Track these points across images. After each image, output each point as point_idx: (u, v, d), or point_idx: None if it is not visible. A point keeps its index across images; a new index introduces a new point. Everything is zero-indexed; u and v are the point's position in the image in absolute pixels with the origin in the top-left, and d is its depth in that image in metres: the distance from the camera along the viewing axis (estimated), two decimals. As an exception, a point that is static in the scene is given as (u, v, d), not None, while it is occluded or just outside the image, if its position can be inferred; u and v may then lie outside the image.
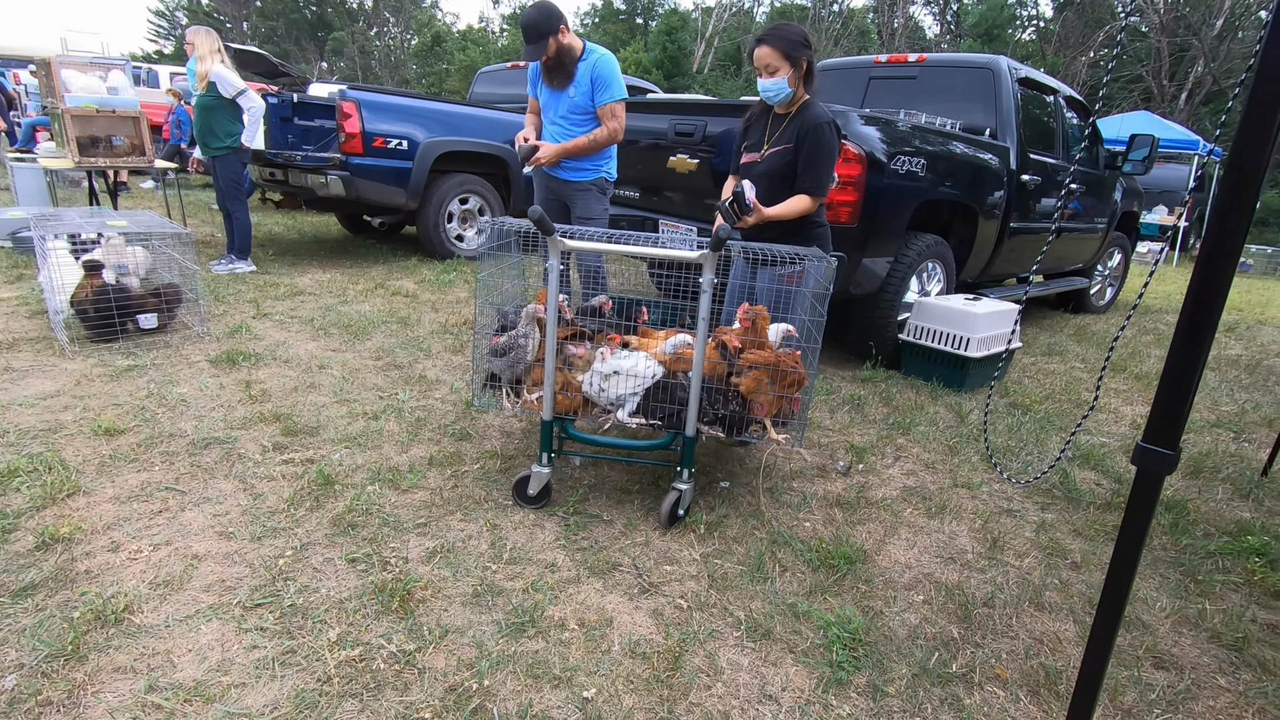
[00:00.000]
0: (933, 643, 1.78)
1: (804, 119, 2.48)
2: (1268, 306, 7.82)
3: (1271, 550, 2.31)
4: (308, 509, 2.13)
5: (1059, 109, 4.82)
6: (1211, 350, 4.67)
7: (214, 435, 2.54)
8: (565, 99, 3.25)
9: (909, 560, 2.14)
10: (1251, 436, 3.46)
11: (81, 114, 5.13)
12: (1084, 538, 2.36)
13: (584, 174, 3.36)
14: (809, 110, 2.50)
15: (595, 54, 3.18)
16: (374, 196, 5.45)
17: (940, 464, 2.83)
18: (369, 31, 39.75)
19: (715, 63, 31.60)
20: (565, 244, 2.02)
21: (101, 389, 2.87)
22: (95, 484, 2.18)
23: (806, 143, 2.45)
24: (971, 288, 4.55)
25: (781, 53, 2.42)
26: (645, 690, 1.55)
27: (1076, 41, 24.70)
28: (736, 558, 2.07)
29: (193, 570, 1.82)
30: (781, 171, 2.52)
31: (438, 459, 2.50)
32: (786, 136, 2.52)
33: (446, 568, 1.91)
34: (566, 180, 3.40)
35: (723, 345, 2.25)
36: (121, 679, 1.47)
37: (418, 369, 3.39)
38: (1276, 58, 0.75)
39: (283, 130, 6.14)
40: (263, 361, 3.32)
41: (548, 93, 3.31)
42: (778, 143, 2.54)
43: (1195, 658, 1.81)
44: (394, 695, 1.48)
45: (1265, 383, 4.46)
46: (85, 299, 3.34)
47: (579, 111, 3.25)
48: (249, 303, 4.29)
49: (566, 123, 3.29)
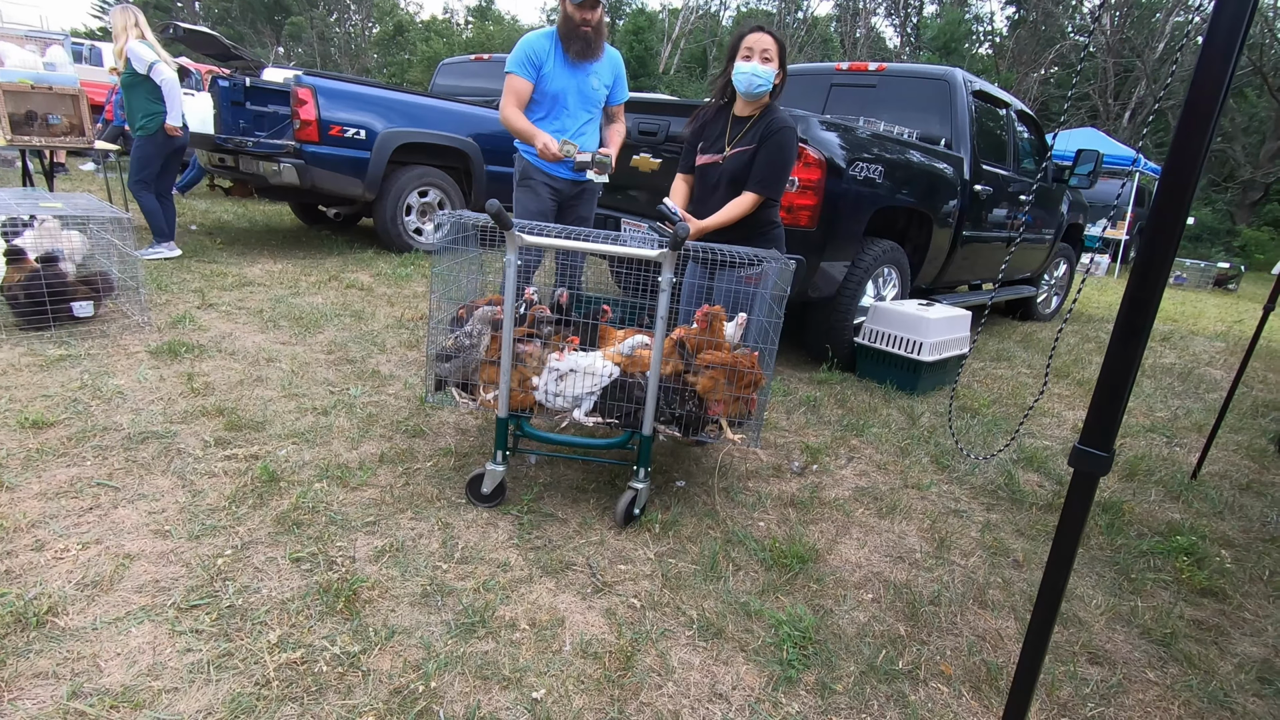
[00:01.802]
0: (880, 640, 1.81)
1: (770, 121, 2.49)
2: (1200, 318, 8.21)
3: (1199, 550, 2.43)
4: (250, 506, 2.06)
5: (1011, 122, 4.98)
6: (1147, 359, 4.87)
7: (152, 429, 2.44)
8: (584, 79, 3.00)
9: (859, 559, 2.18)
10: (1183, 441, 3.62)
11: (15, 89, 4.86)
12: (1026, 537, 2.44)
13: None
14: (775, 114, 2.51)
15: (611, 49, 3.09)
16: (329, 186, 5.31)
17: (892, 465, 2.89)
18: (329, 17, 38.74)
19: (681, 64, 31.75)
20: (525, 239, 1.99)
21: (30, 379, 2.72)
22: (19, 479, 2.06)
23: (769, 143, 2.47)
24: (925, 293, 4.66)
25: (779, 47, 2.43)
26: (596, 690, 1.54)
27: (1029, 58, 25.59)
28: (691, 557, 2.07)
29: (124, 570, 1.73)
30: (745, 173, 2.52)
31: (389, 456, 2.45)
32: (750, 137, 2.51)
33: (395, 567, 1.86)
34: (576, 180, 3.19)
35: (680, 343, 2.25)
36: (42, 685, 1.39)
37: (371, 364, 3.31)
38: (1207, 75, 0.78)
39: (234, 115, 5.92)
40: (207, 353, 3.20)
41: (565, 73, 2.96)
42: (741, 144, 2.53)
43: (1127, 653, 1.89)
44: (336, 698, 1.43)
45: (1196, 390, 4.68)
46: (15, 284, 3.16)
47: (598, 105, 3.11)
48: (194, 292, 4.13)
49: (587, 114, 3.08)
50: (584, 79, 3.01)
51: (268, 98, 5.94)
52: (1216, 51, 0.75)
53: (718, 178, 2.59)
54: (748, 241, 2.49)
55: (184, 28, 5.94)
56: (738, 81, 2.49)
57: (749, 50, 2.44)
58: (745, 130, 2.53)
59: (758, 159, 2.49)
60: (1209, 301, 10.33)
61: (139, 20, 4.57)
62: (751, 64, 2.43)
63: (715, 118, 2.65)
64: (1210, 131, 0.72)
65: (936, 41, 26.74)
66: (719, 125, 2.62)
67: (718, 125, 2.63)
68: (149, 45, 4.55)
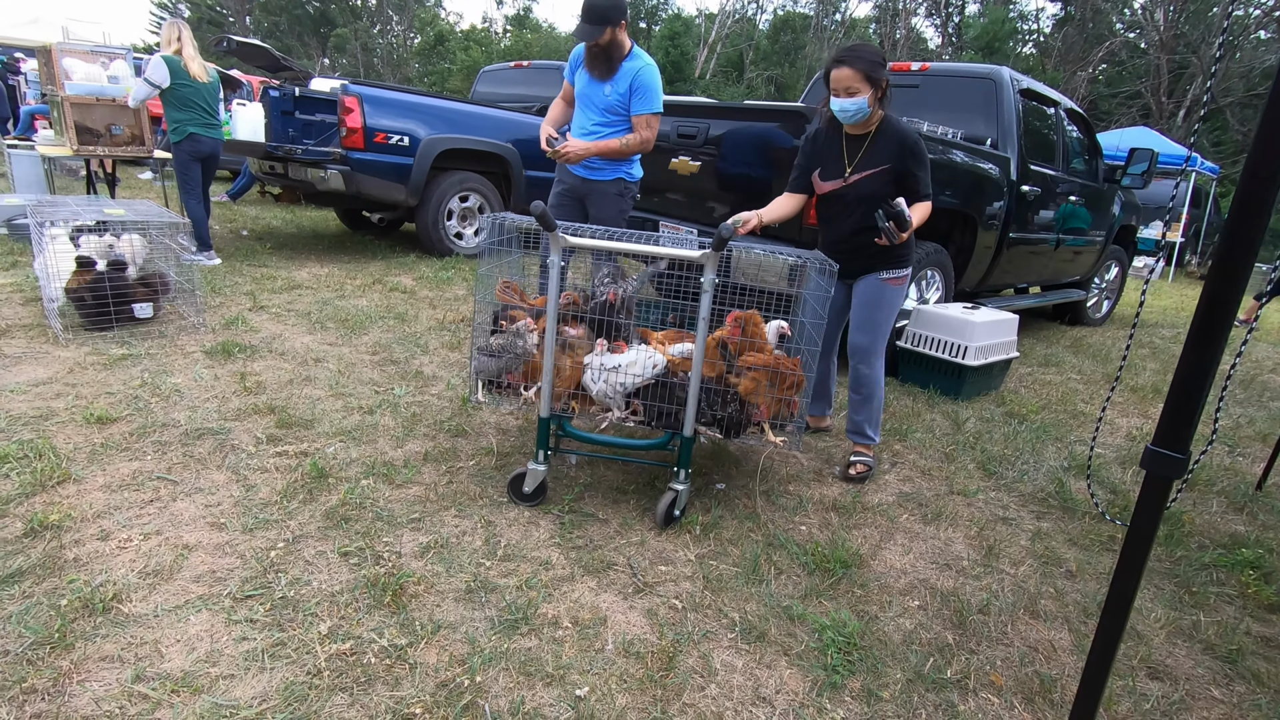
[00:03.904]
0: (928, 648, 1.77)
1: (897, 136, 2.43)
2: (1262, 323, 7.86)
3: (1265, 563, 2.32)
4: (300, 501, 2.11)
5: (1060, 121, 4.84)
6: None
7: (207, 426, 2.52)
8: (600, 93, 3.19)
9: (904, 565, 2.13)
10: (1246, 451, 3.47)
11: (81, 102, 5.10)
12: (1079, 547, 2.36)
13: (602, 173, 3.32)
14: (896, 126, 2.45)
15: (641, 60, 3.14)
16: (374, 192, 5.43)
17: (936, 471, 2.82)
18: (372, 29, 39.74)
19: (718, 68, 31.70)
20: (568, 240, 2.01)
21: (94, 377, 2.85)
22: (86, 472, 2.15)
23: (912, 157, 2.43)
24: (970, 297, 4.56)
25: (863, 74, 2.33)
26: (639, 690, 1.53)
27: (1076, 56, 24.86)
28: (732, 559, 2.06)
29: (183, 560, 1.80)
30: (883, 193, 2.43)
31: (433, 455, 2.49)
32: (881, 157, 2.45)
33: (440, 563, 1.89)
34: (586, 178, 3.34)
35: (723, 345, 2.24)
36: (108, 668, 1.45)
37: (414, 365, 3.37)
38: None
39: (283, 124, 6.12)
40: (258, 354, 3.30)
41: (586, 80, 3.24)
42: (868, 165, 2.47)
43: (1189, 669, 1.81)
44: (384, 690, 1.46)
45: (1260, 398, 4.48)
46: (81, 286, 3.31)
47: (611, 110, 3.20)
48: (245, 295, 4.27)
49: (597, 117, 3.23)
50: (598, 86, 3.21)
51: (315, 107, 6.12)
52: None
53: (851, 200, 2.52)
54: (900, 252, 2.54)
55: (237, 41, 6.16)
56: (837, 114, 2.45)
57: (834, 88, 2.39)
58: (866, 150, 2.48)
59: (911, 175, 2.44)
60: (1271, 306, 9.87)
61: (183, 34, 4.70)
62: (839, 100, 2.39)
63: (827, 139, 2.58)
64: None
65: (979, 41, 26.19)
66: (833, 148, 2.56)
67: (832, 148, 2.56)
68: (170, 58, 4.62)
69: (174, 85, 4.61)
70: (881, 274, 2.58)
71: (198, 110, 4.72)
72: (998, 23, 26.52)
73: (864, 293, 2.62)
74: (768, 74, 30.65)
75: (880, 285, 2.59)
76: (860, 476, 2.65)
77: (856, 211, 2.51)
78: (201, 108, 4.74)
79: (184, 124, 4.70)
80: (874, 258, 2.56)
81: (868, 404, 2.69)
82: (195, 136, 4.74)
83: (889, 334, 2.67)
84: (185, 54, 4.68)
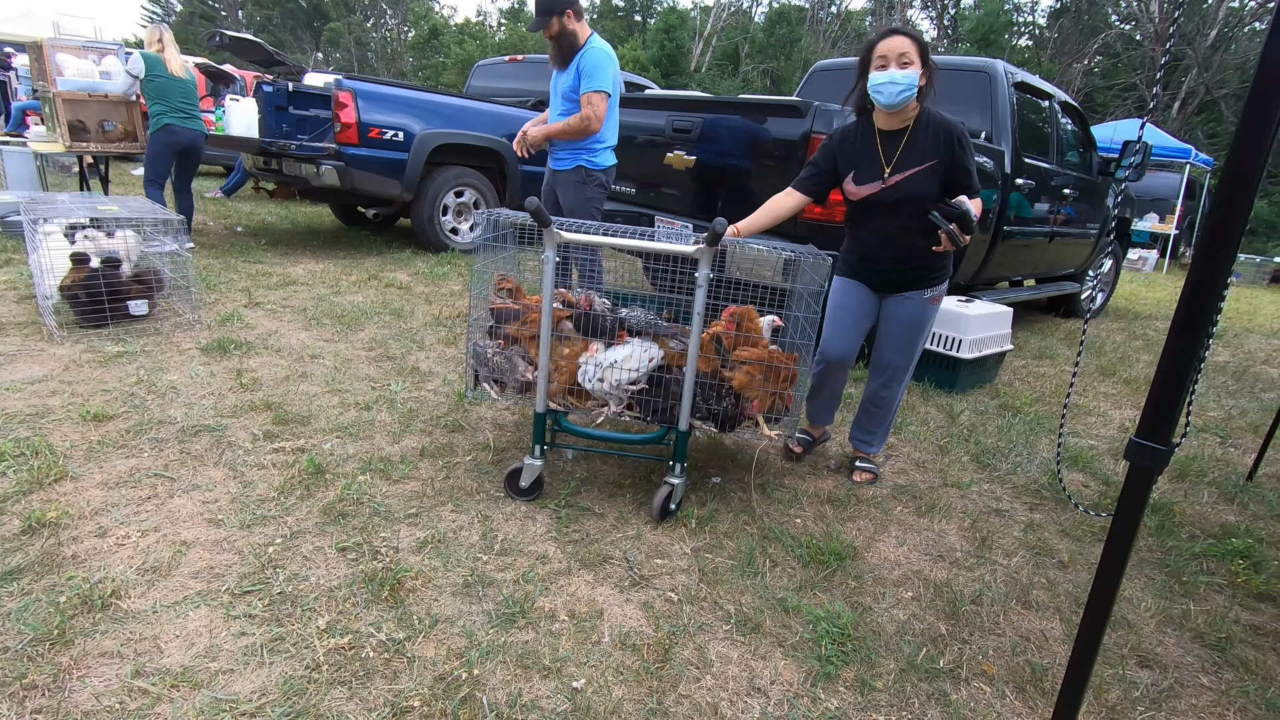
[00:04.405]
0: (921, 639, 1.79)
1: (942, 127, 2.21)
2: (1255, 315, 7.90)
3: (1255, 553, 2.34)
4: (298, 498, 2.12)
5: (1054, 114, 4.85)
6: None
7: (204, 423, 2.53)
8: (560, 82, 3.38)
9: (898, 557, 2.15)
10: (1238, 441, 3.50)
11: (73, 98, 5.07)
12: (1071, 538, 2.38)
13: (563, 162, 3.46)
14: (938, 116, 2.23)
15: (591, 45, 3.26)
16: (368, 187, 5.43)
17: (930, 463, 2.84)
18: (366, 23, 39.52)
19: (713, 61, 31.60)
20: (563, 236, 2.01)
21: (90, 375, 2.85)
22: (83, 469, 2.16)
23: (960, 148, 2.20)
24: (964, 290, 4.57)
25: (919, 46, 2.12)
26: (635, 681, 1.55)
27: (1072, 49, 24.85)
28: (727, 552, 2.07)
29: (181, 557, 1.80)
30: (930, 193, 2.20)
31: (429, 450, 2.50)
32: (926, 152, 2.21)
33: (437, 558, 1.90)
34: (553, 169, 3.52)
35: (716, 339, 2.25)
36: (107, 664, 1.46)
37: (410, 360, 3.37)
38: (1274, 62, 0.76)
39: (277, 119, 6.09)
40: (254, 350, 3.30)
41: (554, 72, 3.45)
42: (911, 163, 2.21)
43: (1179, 657, 1.83)
44: (383, 683, 1.47)
45: (1252, 389, 4.51)
46: (75, 284, 3.30)
47: (568, 98, 3.35)
48: (241, 291, 4.26)
49: (560, 105, 3.41)
50: (559, 76, 3.42)
51: (309, 102, 6.10)
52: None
53: (892, 204, 2.25)
54: (941, 262, 2.35)
55: (229, 36, 6.13)
56: (877, 95, 2.17)
57: (884, 58, 2.14)
58: (904, 146, 2.22)
59: (961, 169, 2.21)
60: (1265, 298, 9.92)
61: (164, 36, 4.94)
62: (889, 72, 2.13)
63: (858, 139, 2.32)
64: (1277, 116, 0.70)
65: (975, 34, 26.15)
66: (865, 148, 2.30)
67: (864, 148, 2.30)
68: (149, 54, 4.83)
69: (150, 77, 4.77)
70: (926, 293, 2.38)
71: (174, 102, 4.84)
72: (993, 15, 26.49)
73: (906, 312, 2.41)
74: (763, 67, 30.56)
75: (924, 305, 2.40)
76: (866, 484, 2.59)
77: (899, 216, 2.25)
78: (178, 99, 4.87)
79: (161, 115, 4.83)
80: (918, 271, 2.35)
81: (886, 418, 2.60)
82: (171, 127, 4.86)
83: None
84: (166, 55, 4.89)
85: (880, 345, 2.50)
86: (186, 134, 4.95)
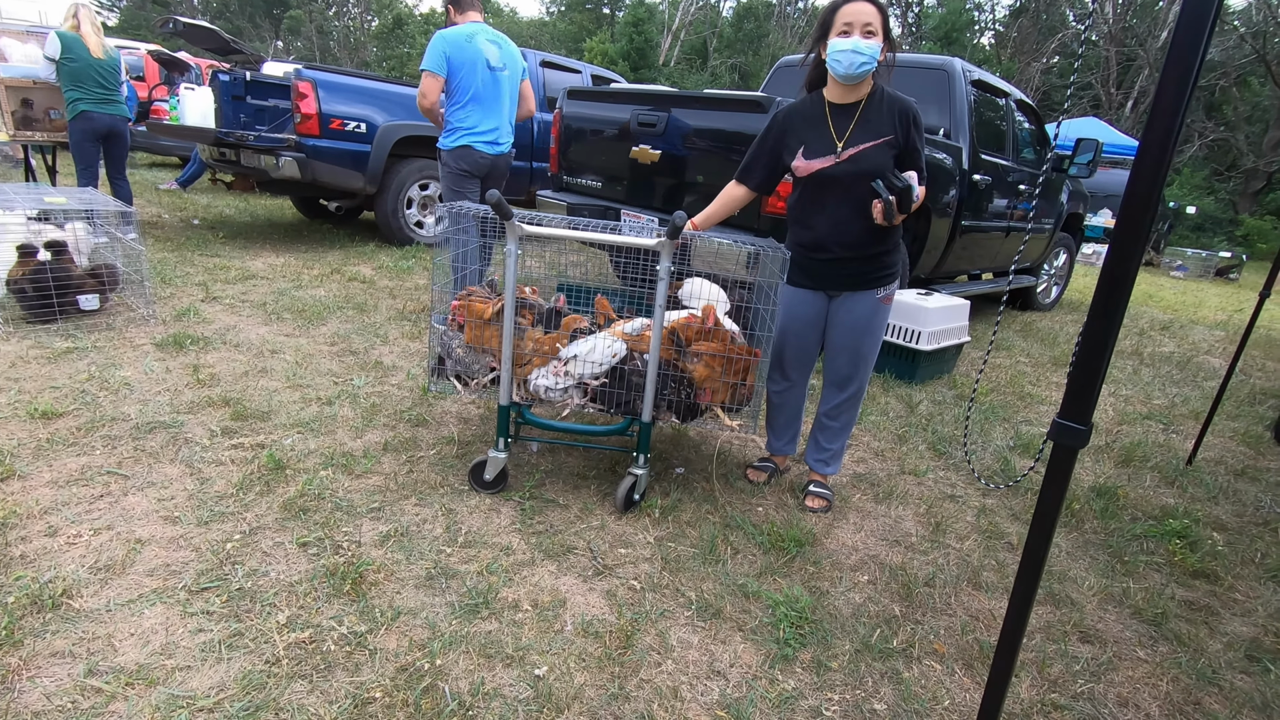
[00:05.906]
0: (875, 620, 1.85)
1: (896, 104, 2.08)
2: (1200, 308, 8.22)
3: (1192, 533, 2.46)
4: (257, 494, 2.10)
5: (1010, 112, 4.98)
6: (1145, 347, 4.86)
7: (159, 419, 2.48)
8: None
9: (856, 543, 2.21)
10: (1180, 428, 3.65)
11: (18, 85, 4.89)
12: (1021, 522, 2.47)
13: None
14: (891, 93, 2.10)
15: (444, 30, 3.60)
16: (330, 180, 5.33)
17: (889, 452, 2.92)
18: (328, 11, 38.64)
19: (681, 56, 31.65)
20: (524, 229, 2.02)
21: (38, 371, 2.76)
22: (31, 468, 2.10)
23: (915, 128, 2.08)
24: (924, 283, 4.68)
25: (882, 16, 2.01)
26: (597, 668, 1.58)
27: (1031, 48, 25.46)
28: (690, 541, 2.11)
29: (135, 554, 1.78)
30: (886, 167, 2.06)
31: (393, 444, 2.49)
32: (880, 128, 2.07)
33: (400, 551, 1.90)
34: None
35: (673, 332, 2.28)
36: (59, 663, 1.43)
37: (374, 355, 3.34)
38: (1179, 61, 0.81)
39: (235, 110, 5.95)
40: (212, 345, 3.24)
41: None
42: (867, 137, 2.07)
43: (1118, 632, 1.92)
44: (344, 676, 1.47)
45: (1195, 378, 4.71)
46: (22, 278, 3.20)
47: None
48: (197, 285, 4.17)
49: None
50: None
51: (268, 92, 5.96)
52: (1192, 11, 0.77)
53: (847, 180, 2.09)
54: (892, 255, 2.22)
55: (183, 22, 5.96)
56: (835, 63, 2.03)
57: (847, 25, 1.99)
58: (857, 120, 2.09)
59: (919, 151, 2.10)
60: (1210, 291, 10.32)
61: (79, 13, 4.69)
62: (852, 40, 1.98)
63: (805, 114, 2.17)
64: (1185, 105, 0.75)
65: (938, 31, 26.62)
66: (814, 122, 2.14)
67: (813, 123, 2.14)
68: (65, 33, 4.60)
69: (65, 60, 4.56)
70: (878, 292, 2.22)
71: (90, 86, 4.65)
72: (955, 13, 27.00)
73: (858, 315, 2.24)
74: (731, 62, 30.71)
75: (877, 306, 2.23)
76: (819, 510, 2.39)
77: (852, 194, 2.09)
78: (95, 83, 4.67)
79: (76, 101, 4.64)
80: (870, 262, 2.18)
81: (842, 434, 2.41)
82: (87, 114, 4.68)
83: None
84: (83, 30, 4.65)
85: (834, 356, 2.34)
86: (105, 119, 4.75)
